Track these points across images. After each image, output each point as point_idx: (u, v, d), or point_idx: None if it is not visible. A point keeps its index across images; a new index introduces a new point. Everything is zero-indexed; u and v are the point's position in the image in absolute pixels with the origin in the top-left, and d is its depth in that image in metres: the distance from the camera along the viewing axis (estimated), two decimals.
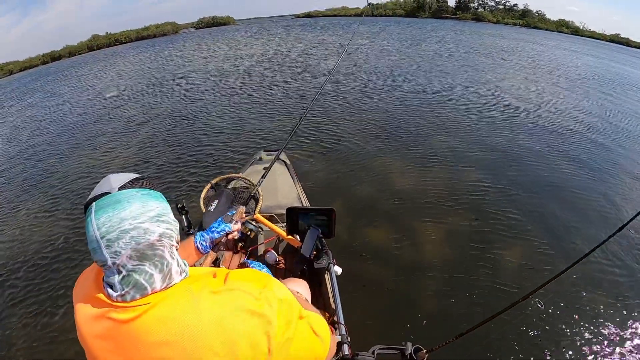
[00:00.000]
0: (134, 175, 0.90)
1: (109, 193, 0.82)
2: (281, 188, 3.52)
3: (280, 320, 0.83)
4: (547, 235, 4.31)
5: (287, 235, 2.31)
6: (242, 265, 1.81)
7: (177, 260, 0.87)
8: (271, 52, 21.33)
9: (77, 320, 0.84)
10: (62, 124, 10.46)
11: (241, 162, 5.77)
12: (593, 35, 64.13)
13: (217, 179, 2.95)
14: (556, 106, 10.17)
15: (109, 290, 0.80)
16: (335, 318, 1.73)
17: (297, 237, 2.29)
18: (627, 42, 58.78)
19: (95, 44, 56.63)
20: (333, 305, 1.84)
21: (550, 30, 62.71)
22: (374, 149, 6.61)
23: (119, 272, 0.79)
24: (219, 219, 1.72)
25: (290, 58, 18.32)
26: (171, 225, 0.87)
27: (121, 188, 0.84)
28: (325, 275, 2.24)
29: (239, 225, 1.73)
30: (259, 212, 2.64)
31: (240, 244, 1.74)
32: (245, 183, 3.04)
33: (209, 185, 2.86)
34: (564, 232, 4.39)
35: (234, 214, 1.81)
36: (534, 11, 72.18)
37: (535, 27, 64.24)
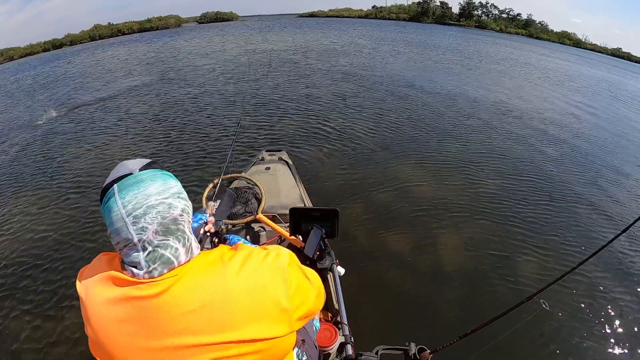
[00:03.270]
0: (148, 160, 0.94)
1: (129, 175, 0.86)
2: (283, 188, 3.53)
3: (291, 273, 0.90)
4: (552, 237, 4.34)
5: (290, 235, 2.32)
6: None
7: (193, 236, 0.92)
8: (274, 50, 21.25)
9: (89, 308, 0.83)
10: (59, 118, 10.39)
11: (243, 162, 5.76)
12: (594, 48, 64.50)
13: (220, 178, 2.96)
14: (575, 119, 10.31)
15: (134, 270, 0.82)
16: (338, 318, 1.74)
17: (300, 237, 2.30)
18: (628, 57, 59.10)
19: (97, 34, 56.43)
20: (336, 306, 1.85)
21: (552, 41, 62.94)
22: (381, 151, 6.59)
23: (145, 249, 0.82)
24: (195, 213, 1.76)
25: (294, 56, 18.29)
26: (188, 203, 0.93)
27: (141, 169, 0.88)
28: (329, 276, 2.25)
29: (212, 218, 1.77)
30: (262, 212, 2.66)
31: (216, 240, 1.77)
32: (248, 183, 3.05)
33: (211, 185, 2.87)
34: (570, 234, 4.42)
35: (205, 209, 1.87)
36: (537, 22, 72.54)
37: (538, 38, 64.48)
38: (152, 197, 0.82)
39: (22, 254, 4.30)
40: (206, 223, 1.70)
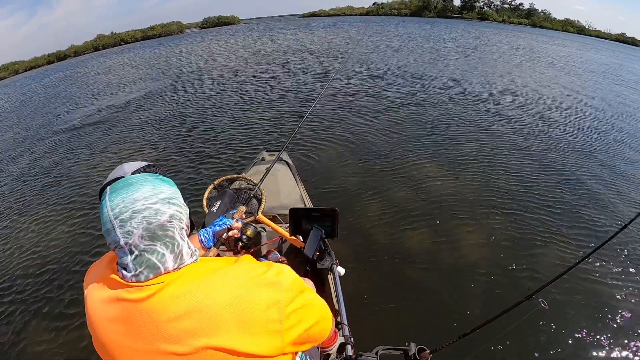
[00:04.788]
0: (146, 163, 0.94)
1: (123, 177, 0.86)
2: (284, 188, 3.51)
3: (289, 293, 0.86)
4: (553, 235, 4.25)
5: (290, 235, 2.30)
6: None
7: (187, 242, 0.90)
8: (275, 51, 21.34)
9: (88, 305, 0.86)
10: (63, 124, 10.59)
11: (244, 163, 5.76)
12: (599, 35, 63.88)
13: (220, 179, 2.95)
14: (588, 107, 10.18)
15: (123, 271, 0.83)
16: (338, 319, 1.72)
17: (300, 237, 2.28)
18: (633, 42, 58.42)
19: (100, 44, 57.04)
20: (336, 306, 1.83)
21: (555, 30, 62.48)
22: (383, 147, 6.56)
23: (132, 252, 0.82)
24: (221, 216, 1.74)
25: (295, 56, 18.30)
26: (181, 209, 0.90)
27: (134, 173, 0.88)
28: (329, 276, 2.23)
29: (239, 224, 1.74)
30: (262, 213, 2.64)
31: (240, 244, 1.75)
32: (248, 183, 3.05)
33: (211, 186, 2.86)
34: (570, 232, 4.32)
35: (234, 212, 1.82)
36: (540, 10, 71.99)
37: (541, 27, 64.03)
38: (139, 202, 0.82)
39: (37, 258, 4.41)
40: (230, 228, 1.67)
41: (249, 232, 1.82)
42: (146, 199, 0.82)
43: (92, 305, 0.85)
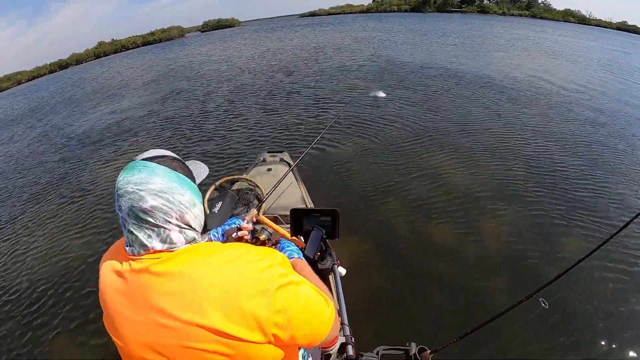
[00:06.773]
0: (164, 154, 0.99)
1: (134, 161, 0.95)
2: (285, 189, 3.51)
3: (283, 280, 0.90)
4: (562, 231, 4.20)
5: (291, 236, 2.29)
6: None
7: (179, 230, 0.93)
8: (274, 52, 21.40)
9: (101, 280, 0.95)
10: (63, 134, 10.74)
11: (245, 164, 5.76)
12: (599, 24, 63.29)
13: (221, 180, 2.96)
14: (600, 95, 10.12)
15: (126, 247, 0.91)
16: (339, 319, 1.71)
17: (302, 238, 2.27)
18: (634, 30, 57.88)
19: (101, 51, 57.28)
20: (337, 306, 1.82)
21: (556, 20, 62.09)
22: (383, 146, 6.52)
23: (124, 226, 0.90)
24: (234, 217, 1.80)
25: (295, 57, 18.32)
26: (170, 204, 0.91)
27: (145, 160, 0.94)
28: (330, 277, 2.22)
29: (250, 225, 1.78)
30: (263, 214, 2.63)
31: None
32: (250, 184, 3.05)
33: (212, 187, 2.88)
34: (582, 226, 4.26)
35: (246, 214, 1.85)
36: (540, 1, 71.54)
37: (542, 18, 63.66)
38: (130, 185, 0.88)
39: (53, 268, 4.45)
40: (239, 228, 1.73)
41: (262, 237, 1.83)
42: (135, 184, 0.88)
43: (104, 278, 0.93)
